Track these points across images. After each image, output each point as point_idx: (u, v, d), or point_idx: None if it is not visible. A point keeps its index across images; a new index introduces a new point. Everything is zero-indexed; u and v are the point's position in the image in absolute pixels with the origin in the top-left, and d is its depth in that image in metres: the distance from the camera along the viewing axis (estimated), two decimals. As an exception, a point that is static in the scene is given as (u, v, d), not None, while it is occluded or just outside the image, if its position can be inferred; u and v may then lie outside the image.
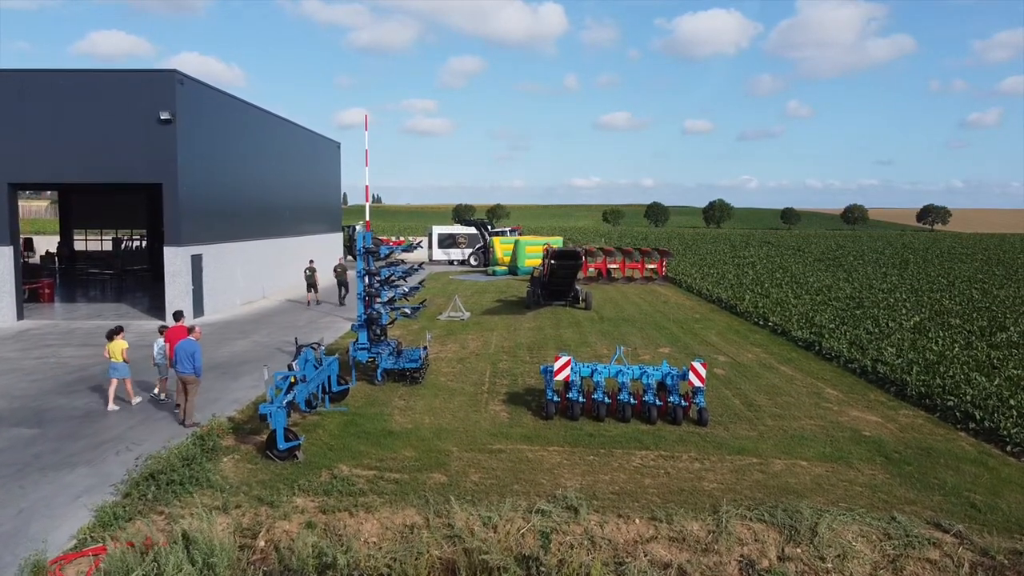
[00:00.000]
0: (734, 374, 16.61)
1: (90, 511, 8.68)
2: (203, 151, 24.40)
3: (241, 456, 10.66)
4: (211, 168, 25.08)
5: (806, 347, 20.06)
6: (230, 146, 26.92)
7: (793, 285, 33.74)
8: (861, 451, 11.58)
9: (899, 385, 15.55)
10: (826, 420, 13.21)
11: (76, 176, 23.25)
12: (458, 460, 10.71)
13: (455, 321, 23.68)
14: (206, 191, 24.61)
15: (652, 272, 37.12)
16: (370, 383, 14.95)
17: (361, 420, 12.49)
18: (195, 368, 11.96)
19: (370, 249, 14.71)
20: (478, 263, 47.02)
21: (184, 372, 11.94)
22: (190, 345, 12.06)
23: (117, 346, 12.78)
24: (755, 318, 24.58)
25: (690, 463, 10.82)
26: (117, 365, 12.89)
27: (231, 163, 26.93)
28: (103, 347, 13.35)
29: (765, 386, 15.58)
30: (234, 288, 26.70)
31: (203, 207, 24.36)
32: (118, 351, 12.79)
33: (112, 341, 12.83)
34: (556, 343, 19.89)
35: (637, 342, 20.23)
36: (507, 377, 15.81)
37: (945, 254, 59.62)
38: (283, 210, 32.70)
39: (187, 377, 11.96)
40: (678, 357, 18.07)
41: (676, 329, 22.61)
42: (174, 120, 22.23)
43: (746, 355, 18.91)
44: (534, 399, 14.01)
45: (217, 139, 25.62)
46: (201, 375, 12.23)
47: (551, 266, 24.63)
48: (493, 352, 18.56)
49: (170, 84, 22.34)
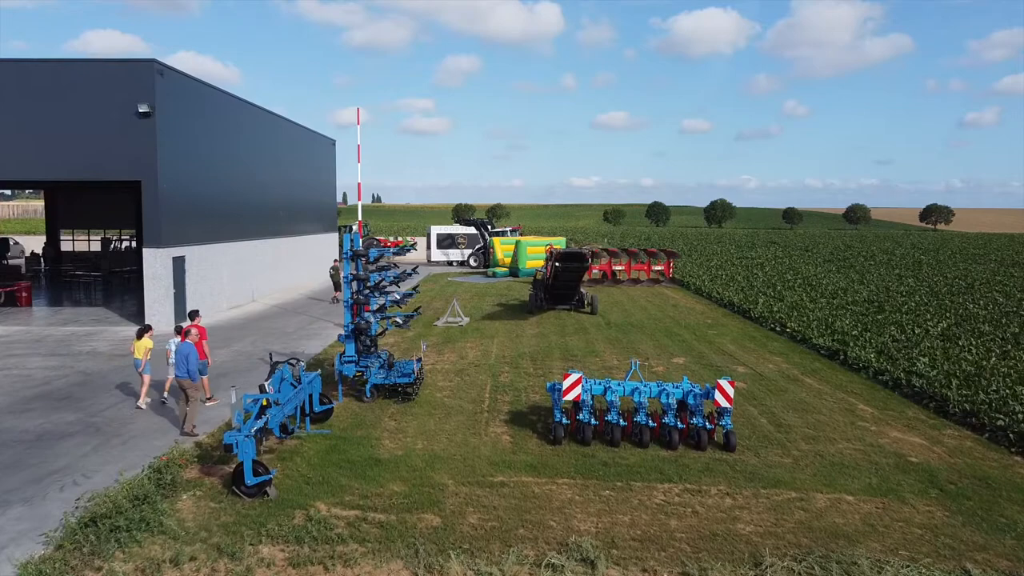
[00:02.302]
0: (757, 388, 15.21)
1: (13, 568, 7.27)
2: (186, 147, 23.01)
3: (204, 492, 9.25)
4: (195, 165, 23.68)
5: (829, 356, 18.67)
6: (216, 142, 25.51)
7: (807, 288, 32.33)
8: (911, 482, 10.19)
9: (938, 401, 14.16)
10: (865, 443, 11.82)
11: (46, 173, 21.85)
12: (454, 496, 9.30)
13: (453, 327, 22.29)
14: (189, 189, 23.21)
15: (659, 274, 35.70)
16: (358, 399, 13.55)
17: (345, 445, 11.09)
18: (189, 371, 11.63)
19: (359, 252, 13.32)
20: (478, 264, 45.60)
21: (180, 376, 11.68)
22: (184, 347, 11.81)
23: (142, 345, 12.96)
24: (771, 324, 23.19)
25: (720, 499, 9.42)
26: (138, 362, 13.05)
27: (217, 160, 25.51)
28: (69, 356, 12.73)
29: (792, 402, 14.18)
30: (220, 291, 25.32)
31: (186, 206, 22.96)
32: (142, 349, 12.94)
33: (140, 340, 12.99)
34: (561, 352, 18.50)
35: (649, 351, 18.83)
36: (509, 392, 14.41)
37: (956, 254, 58.18)
38: (275, 210, 31.29)
39: (183, 381, 11.64)
40: (695, 370, 16.68)
41: (689, 336, 21.20)
42: (153, 113, 20.83)
43: (767, 365, 17.52)
44: (539, 419, 12.61)
45: (201, 134, 24.21)
46: (198, 379, 11.95)
47: (555, 268, 23.21)
48: (494, 363, 17.15)
49: (148, 75, 20.93)
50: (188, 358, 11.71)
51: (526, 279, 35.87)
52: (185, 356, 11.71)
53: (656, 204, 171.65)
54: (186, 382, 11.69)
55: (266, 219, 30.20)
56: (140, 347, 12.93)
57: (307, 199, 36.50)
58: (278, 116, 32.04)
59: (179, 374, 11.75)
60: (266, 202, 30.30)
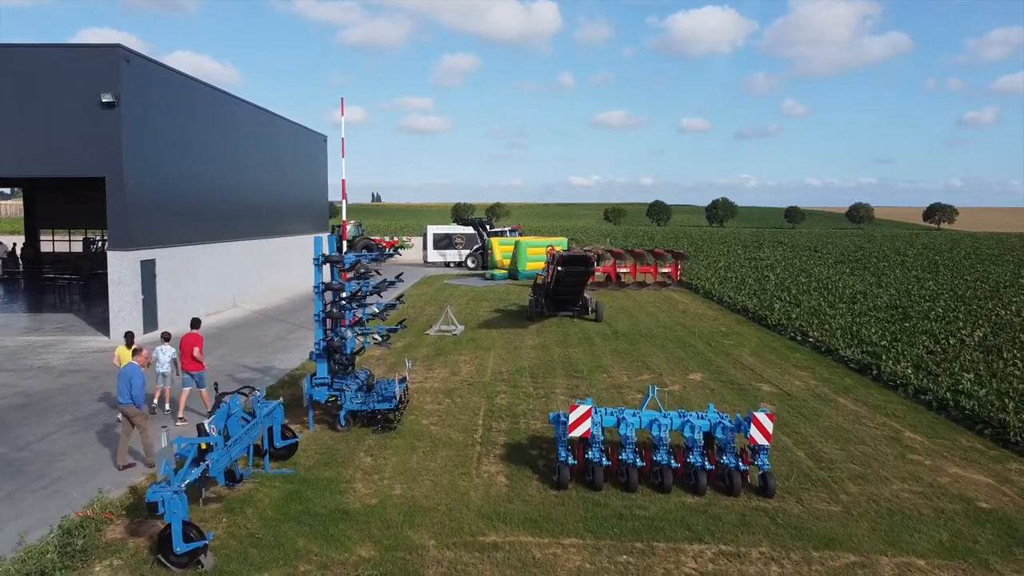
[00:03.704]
0: (787, 410, 13.42)
1: None
2: (157, 140, 21.20)
3: (124, 561, 7.46)
4: (168, 160, 21.87)
5: (860, 371, 16.90)
6: (192, 136, 23.68)
7: (823, 291, 30.52)
8: (989, 537, 8.42)
9: (995, 427, 12.38)
10: (923, 483, 10.04)
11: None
12: (436, 565, 7.51)
13: (446, 336, 20.50)
14: (161, 187, 21.42)
15: (666, 276, 33.82)
16: (332, 428, 11.77)
17: (309, 491, 9.29)
18: (133, 397, 10.06)
19: (331, 257, 11.52)
20: (476, 266, 43.78)
21: (123, 403, 10.14)
22: (128, 370, 10.19)
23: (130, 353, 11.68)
24: (791, 332, 21.40)
25: (764, 566, 7.63)
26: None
27: (193, 155, 23.68)
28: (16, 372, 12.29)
29: (829, 428, 12.40)
30: (196, 297, 23.52)
31: (157, 205, 21.16)
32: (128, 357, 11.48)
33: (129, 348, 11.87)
34: (565, 367, 16.70)
35: (661, 365, 17.04)
36: (506, 418, 12.61)
37: (971, 255, 56.34)
38: (259, 209, 29.45)
39: (127, 408, 10.13)
40: (715, 388, 14.89)
41: (703, 347, 19.40)
42: (118, 103, 19.03)
43: (793, 382, 15.74)
44: (541, 454, 10.82)
45: (175, 127, 22.38)
46: (143, 406, 10.35)
47: (557, 273, 21.39)
48: (489, 380, 15.36)
49: (113, 62, 19.12)
50: (132, 382, 10.02)
51: (526, 282, 34.08)
52: (128, 379, 10.03)
53: (657, 203, 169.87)
54: (130, 409, 10.06)
55: (249, 219, 28.37)
56: (125, 355, 11.68)
57: (296, 198, 34.65)
58: (263, 110, 30.21)
59: (122, 400, 10.09)
60: (249, 201, 28.46)
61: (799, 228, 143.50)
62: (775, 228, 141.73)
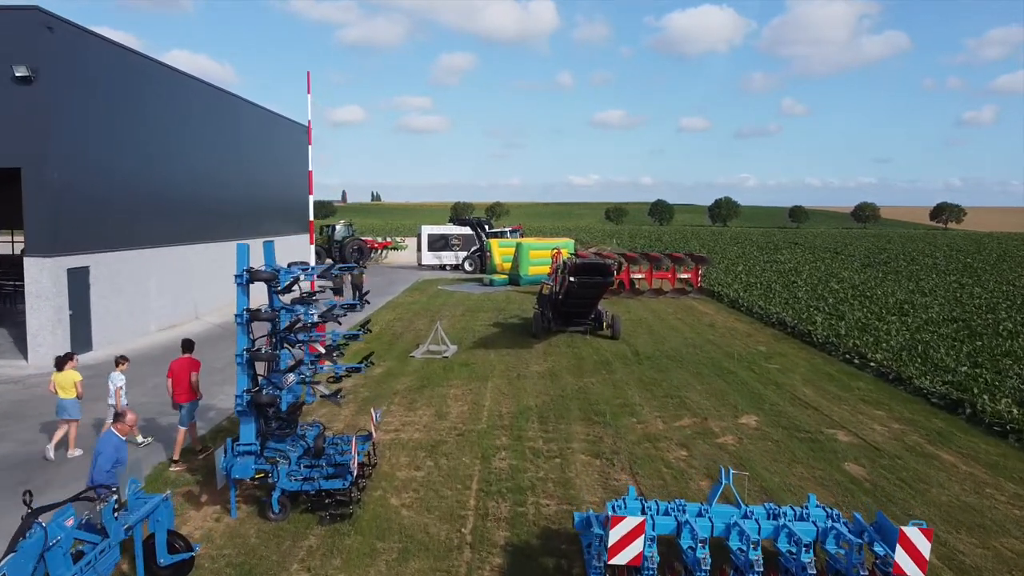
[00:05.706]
0: (882, 475, 10.03)
1: None
2: (94, 126, 17.79)
3: None
4: (107, 150, 18.45)
5: (947, 408, 13.51)
6: (141, 122, 20.21)
7: (863, 300, 27.11)
8: None
9: None
10: None
11: None
12: None
13: (435, 359, 17.10)
14: (98, 181, 18.02)
15: (685, 283, 30.33)
16: (261, 515, 8.37)
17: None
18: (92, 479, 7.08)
19: (258, 274, 8.11)
20: (473, 269, 40.31)
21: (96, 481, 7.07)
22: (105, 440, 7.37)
23: (68, 377, 10.21)
24: (843, 352, 18.01)
25: None
26: (66, 403, 10.18)
27: (141, 144, 20.20)
28: None
29: (950, 507, 9.00)
30: (145, 310, 20.12)
31: (92, 202, 17.76)
32: (69, 384, 10.19)
33: (62, 371, 10.21)
34: (581, 405, 13.29)
35: (701, 403, 13.62)
36: (507, 495, 9.16)
37: (1006, 258, 52.88)
38: (227, 206, 25.99)
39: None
40: (780, 440, 11.45)
41: (746, 375, 15.98)
42: (36, 79, 15.66)
43: (871, 426, 12.35)
44: (557, 564, 7.41)
45: (119, 111, 18.94)
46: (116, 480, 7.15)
47: (569, 284, 17.91)
48: (485, 428, 11.93)
49: (31, 29, 15.74)
50: (99, 457, 7.24)
51: (528, 288, 30.69)
52: (96, 454, 7.28)
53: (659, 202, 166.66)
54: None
55: (216, 218, 24.92)
56: (65, 381, 10.14)
57: (272, 194, 31.14)
58: (233, 95, 26.75)
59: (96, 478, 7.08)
60: (215, 197, 25.01)
61: (804, 228, 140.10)
62: (781, 228, 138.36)
